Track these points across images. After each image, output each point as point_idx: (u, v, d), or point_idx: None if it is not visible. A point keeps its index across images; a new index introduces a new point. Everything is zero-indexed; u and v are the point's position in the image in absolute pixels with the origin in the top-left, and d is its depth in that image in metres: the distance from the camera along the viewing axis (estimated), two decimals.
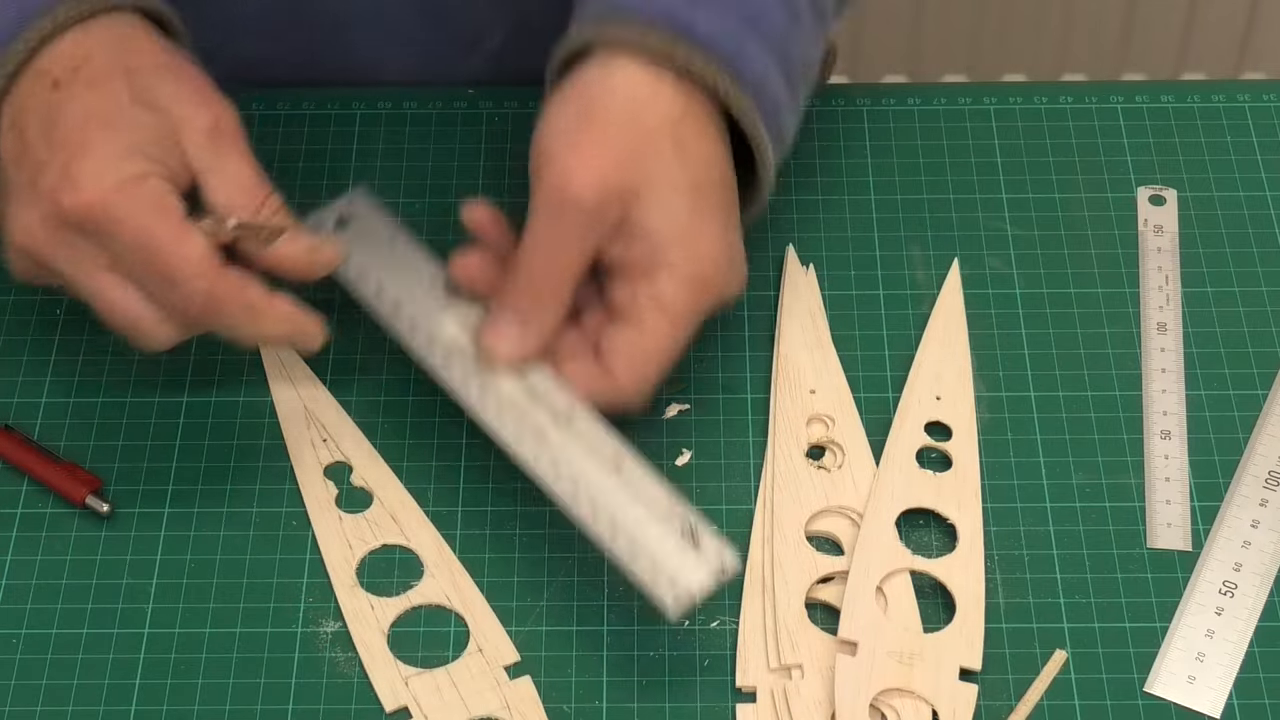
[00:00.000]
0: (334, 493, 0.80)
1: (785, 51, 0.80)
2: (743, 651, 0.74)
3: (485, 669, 0.74)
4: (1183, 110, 0.94)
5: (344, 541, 0.78)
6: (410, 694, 0.74)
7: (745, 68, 0.78)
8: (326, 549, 0.78)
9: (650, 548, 0.72)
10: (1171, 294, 0.86)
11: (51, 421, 0.82)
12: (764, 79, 0.79)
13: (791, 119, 0.82)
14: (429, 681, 0.74)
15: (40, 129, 0.75)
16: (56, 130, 0.75)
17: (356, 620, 0.76)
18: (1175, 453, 0.81)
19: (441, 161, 0.92)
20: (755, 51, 0.78)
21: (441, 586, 0.77)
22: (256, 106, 0.94)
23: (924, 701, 0.72)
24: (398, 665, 0.74)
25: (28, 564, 0.78)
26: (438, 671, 0.74)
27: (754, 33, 0.78)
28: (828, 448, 0.81)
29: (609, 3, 0.78)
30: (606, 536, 0.72)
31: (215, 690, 0.74)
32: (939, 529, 0.78)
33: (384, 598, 0.77)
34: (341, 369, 0.84)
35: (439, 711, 0.73)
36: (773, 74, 0.79)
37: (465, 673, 0.74)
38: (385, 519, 0.79)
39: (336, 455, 0.81)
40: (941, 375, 0.83)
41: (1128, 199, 0.91)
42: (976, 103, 0.95)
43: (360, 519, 0.79)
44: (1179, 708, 0.73)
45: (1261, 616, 0.76)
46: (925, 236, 0.89)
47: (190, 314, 0.74)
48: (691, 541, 0.72)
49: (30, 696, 0.74)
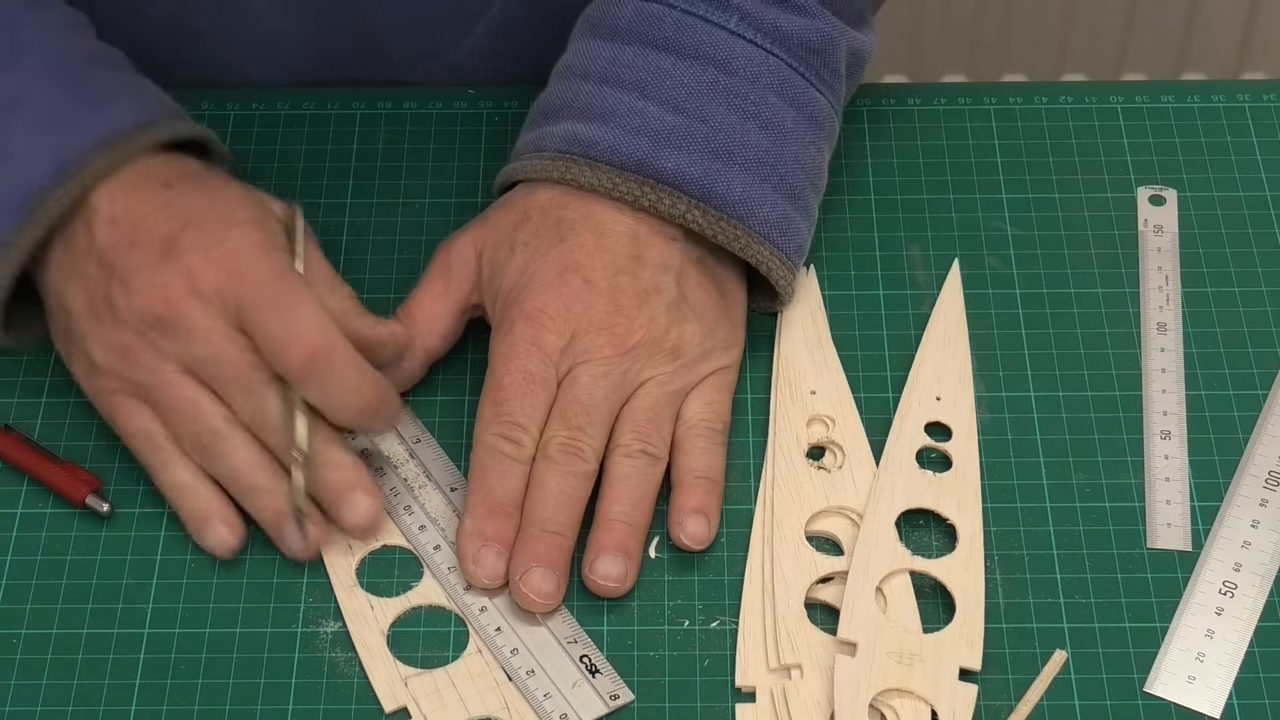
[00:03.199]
0: None
1: (775, 169, 0.81)
2: (742, 651, 0.74)
3: (485, 669, 0.74)
4: (1183, 110, 0.94)
5: (344, 542, 0.78)
6: (409, 694, 0.73)
7: (724, 193, 0.80)
8: (326, 549, 0.78)
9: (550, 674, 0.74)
10: (1171, 294, 0.86)
11: (51, 421, 0.82)
12: (749, 199, 0.80)
13: (802, 224, 0.83)
14: (428, 682, 0.74)
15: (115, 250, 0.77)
16: (164, 222, 0.77)
17: (356, 620, 0.76)
18: (1175, 453, 0.81)
19: (441, 161, 0.92)
20: (734, 178, 0.80)
21: (441, 587, 0.77)
22: (256, 106, 0.94)
23: (923, 702, 0.72)
24: (397, 665, 0.74)
25: (28, 564, 0.78)
26: (437, 672, 0.74)
27: (729, 164, 0.80)
28: (828, 448, 0.81)
29: (574, 136, 0.81)
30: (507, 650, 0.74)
31: (215, 690, 0.74)
32: (939, 529, 0.78)
33: (384, 598, 0.77)
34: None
35: (438, 712, 0.73)
36: (762, 192, 0.81)
37: (465, 673, 0.74)
38: (384, 519, 0.79)
39: None
40: (941, 376, 0.83)
41: (1128, 199, 0.91)
42: (976, 103, 0.95)
43: None
44: (1179, 708, 0.73)
45: (1261, 616, 0.76)
46: (925, 236, 0.89)
47: (295, 363, 0.74)
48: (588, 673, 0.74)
49: (30, 696, 0.74)
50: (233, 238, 0.76)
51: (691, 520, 0.77)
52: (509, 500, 0.76)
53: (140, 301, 0.76)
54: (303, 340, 0.74)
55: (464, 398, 0.83)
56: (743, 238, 0.81)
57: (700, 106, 0.81)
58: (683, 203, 0.80)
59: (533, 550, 0.75)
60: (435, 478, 0.80)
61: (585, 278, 0.79)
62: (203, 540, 0.77)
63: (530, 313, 0.78)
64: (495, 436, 0.77)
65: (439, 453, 0.81)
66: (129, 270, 0.76)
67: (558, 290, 0.79)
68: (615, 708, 0.73)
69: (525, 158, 0.83)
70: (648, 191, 0.80)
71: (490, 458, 0.77)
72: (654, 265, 0.80)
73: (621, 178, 0.80)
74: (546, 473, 0.76)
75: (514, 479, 0.76)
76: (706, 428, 0.79)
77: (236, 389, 0.76)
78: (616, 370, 0.78)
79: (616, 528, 0.76)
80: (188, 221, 0.77)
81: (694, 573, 0.77)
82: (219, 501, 0.77)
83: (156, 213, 0.77)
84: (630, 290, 0.79)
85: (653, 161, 0.80)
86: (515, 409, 0.77)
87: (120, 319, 0.76)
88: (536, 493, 0.76)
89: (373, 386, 0.76)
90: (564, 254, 0.80)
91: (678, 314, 0.80)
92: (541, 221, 0.81)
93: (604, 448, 0.78)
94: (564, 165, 0.81)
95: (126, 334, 0.76)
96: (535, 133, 0.84)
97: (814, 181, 0.84)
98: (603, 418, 0.78)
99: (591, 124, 0.81)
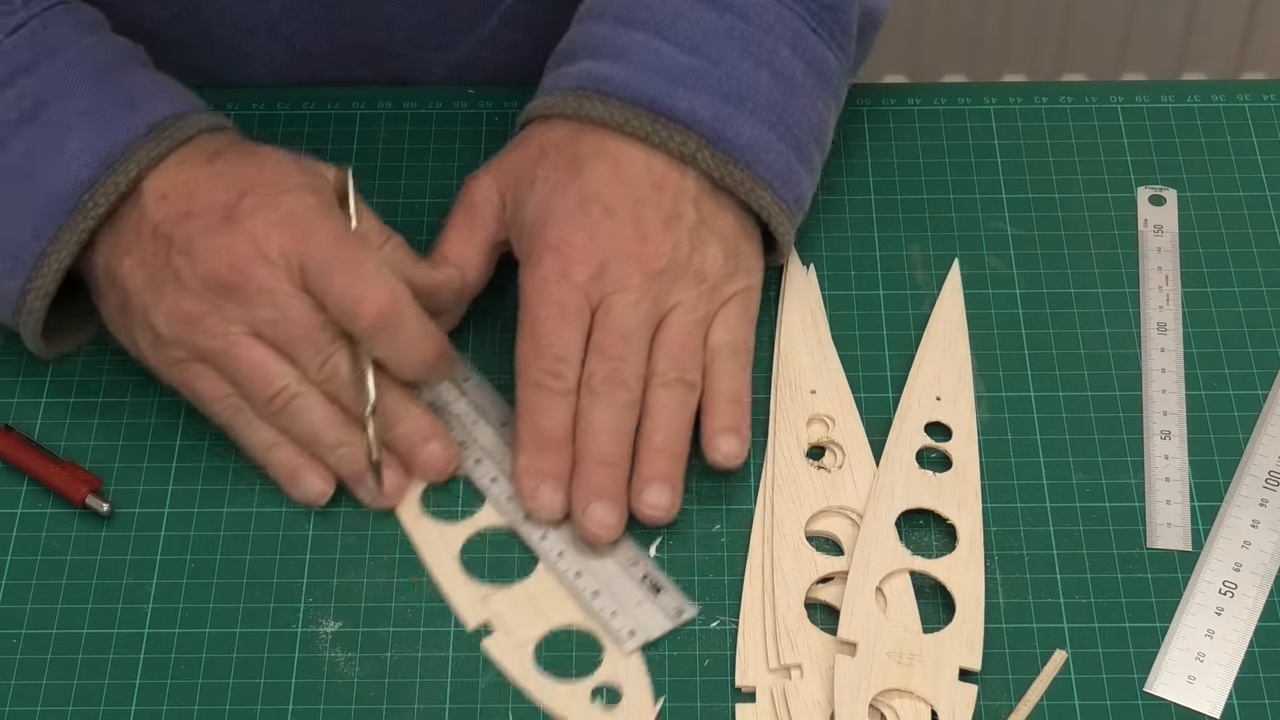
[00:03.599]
0: None
1: (782, 118, 0.83)
2: (742, 651, 0.74)
3: (559, 583, 0.76)
4: (1183, 110, 0.94)
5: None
6: (490, 610, 0.75)
7: (733, 137, 0.81)
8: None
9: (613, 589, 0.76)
10: (1171, 294, 0.86)
11: (51, 421, 0.82)
12: (756, 145, 0.82)
13: (804, 177, 0.85)
14: (506, 597, 0.76)
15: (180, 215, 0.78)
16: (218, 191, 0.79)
17: (426, 546, 0.78)
18: (1175, 453, 0.81)
19: (441, 161, 0.92)
20: (743, 123, 0.82)
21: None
22: (256, 106, 0.94)
23: (923, 702, 0.72)
24: (473, 584, 0.76)
25: (28, 564, 0.78)
26: (514, 587, 0.77)
27: (740, 109, 0.82)
28: (828, 448, 0.81)
29: (589, 73, 0.82)
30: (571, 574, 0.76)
31: (215, 690, 0.74)
32: (939, 529, 0.78)
33: (449, 524, 0.78)
34: None
35: (521, 625, 0.75)
36: (768, 140, 0.82)
37: (540, 587, 0.77)
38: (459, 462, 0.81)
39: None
40: (942, 376, 0.83)
41: (1128, 199, 0.91)
42: (976, 103, 0.95)
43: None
44: (1179, 708, 0.73)
45: (1261, 616, 0.76)
46: (925, 236, 0.89)
47: (364, 322, 0.76)
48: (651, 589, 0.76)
49: (30, 696, 0.74)
50: (290, 202, 0.78)
51: (724, 439, 0.79)
52: (559, 434, 0.78)
53: (204, 267, 0.77)
54: (371, 299, 0.76)
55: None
56: (747, 182, 0.82)
57: (715, 50, 0.82)
58: (692, 142, 0.81)
59: (590, 484, 0.77)
60: (486, 414, 0.82)
61: (606, 207, 0.80)
62: (296, 491, 0.79)
63: (556, 245, 0.80)
64: (538, 372, 0.78)
65: (488, 389, 0.83)
66: (189, 238, 0.77)
67: (580, 221, 0.80)
68: (681, 623, 0.75)
69: (542, 95, 0.85)
70: (659, 129, 0.81)
71: (536, 393, 0.78)
72: (673, 192, 0.82)
73: (634, 113, 0.81)
74: (593, 406, 0.78)
75: (561, 412, 0.78)
76: (730, 350, 0.81)
77: (306, 347, 0.77)
78: (648, 297, 0.80)
79: (659, 457, 0.78)
80: (244, 189, 0.78)
81: (694, 573, 0.77)
82: (306, 454, 0.79)
83: (210, 184, 0.79)
84: (652, 217, 0.81)
85: (665, 100, 0.81)
86: (554, 342, 0.78)
87: (185, 287, 0.77)
88: (586, 427, 0.78)
89: (435, 339, 0.78)
90: (583, 185, 0.81)
91: (699, 238, 0.81)
92: (558, 156, 0.82)
93: (644, 374, 0.79)
94: (576, 101, 0.82)
95: (191, 300, 0.77)
96: (553, 75, 0.85)
97: (818, 137, 0.86)
98: (639, 345, 0.79)
99: (606, 62, 0.83)
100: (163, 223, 0.78)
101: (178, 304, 0.77)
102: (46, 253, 0.78)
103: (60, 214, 0.78)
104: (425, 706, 0.74)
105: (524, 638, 0.75)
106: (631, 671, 0.74)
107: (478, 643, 0.75)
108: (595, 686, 0.74)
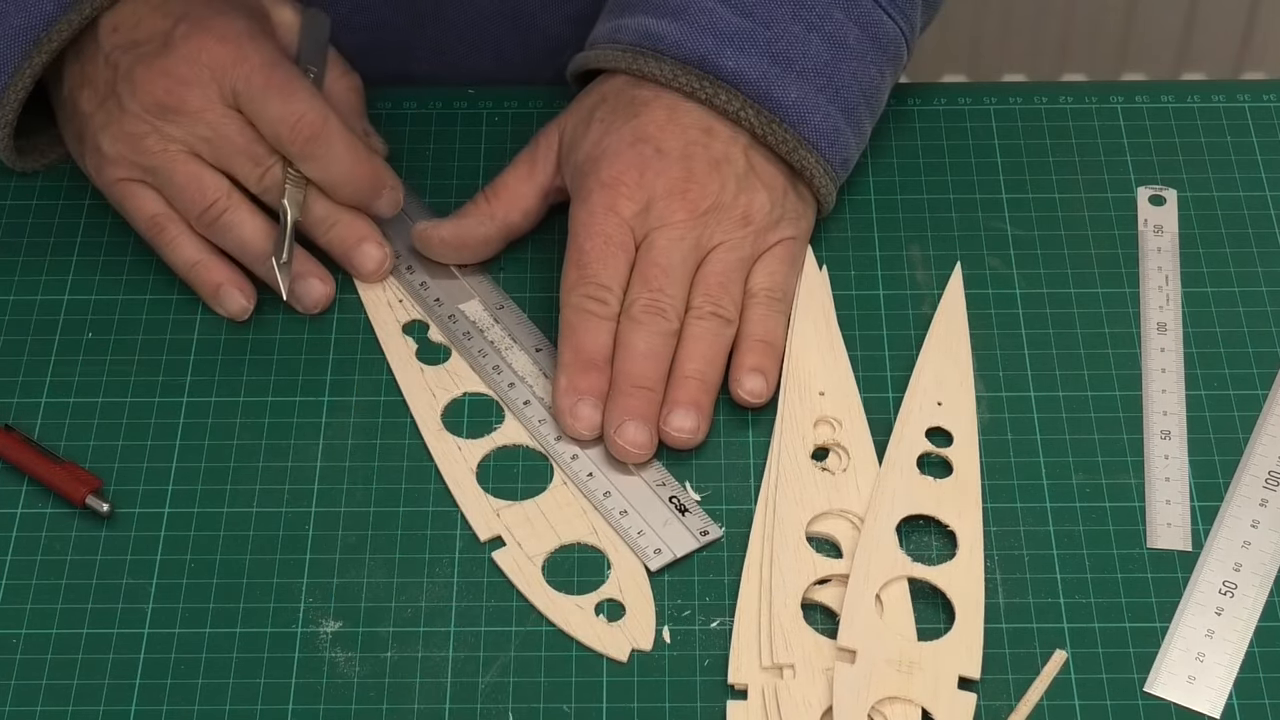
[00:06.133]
0: (413, 348, 0.85)
1: (831, 81, 0.85)
2: (736, 648, 0.74)
3: (571, 500, 0.79)
4: (1183, 110, 0.94)
5: (427, 390, 0.83)
6: (503, 524, 0.78)
7: (779, 97, 0.84)
8: (412, 399, 0.82)
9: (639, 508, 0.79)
10: (1171, 294, 0.86)
11: (51, 421, 0.82)
12: (802, 106, 0.84)
13: (851, 139, 0.87)
14: (519, 512, 0.79)
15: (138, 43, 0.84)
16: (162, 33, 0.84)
17: (445, 460, 0.80)
18: (1175, 453, 0.81)
19: (441, 162, 0.92)
20: (790, 84, 0.84)
21: (525, 429, 0.82)
22: None
23: (912, 705, 0.72)
24: (488, 499, 0.79)
25: (28, 564, 0.78)
26: (527, 503, 0.79)
27: (788, 70, 0.84)
28: (833, 450, 0.81)
29: (646, 31, 0.85)
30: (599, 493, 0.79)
31: (215, 690, 0.74)
32: (939, 534, 0.78)
33: (469, 439, 0.81)
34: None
35: (531, 540, 0.78)
36: (815, 102, 0.84)
37: (553, 503, 0.79)
38: (464, 369, 0.84)
39: (413, 314, 0.86)
40: (943, 381, 0.82)
41: (1128, 199, 0.91)
42: (976, 103, 0.95)
43: (441, 370, 0.84)
44: (1179, 708, 0.73)
45: (1261, 616, 0.76)
46: (925, 237, 0.89)
47: (296, 145, 0.81)
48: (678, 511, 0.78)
49: (30, 696, 0.74)
50: (221, 25, 0.83)
51: (749, 377, 0.81)
52: (600, 356, 0.81)
53: (143, 90, 0.83)
54: (302, 122, 0.82)
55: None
56: (790, 141, 0.84)
57: (766, 13, 0.85)
58: (738, 100, 0.84)
59: (625, 405, 0.80)
60: (519, 340, 0.85)
61: (657, 147, 0.83)
62: (219, 307, 0.84)
63: (606, 180, 0.83)
64: (581, 297, 0.81)
65: (521, 317, 0.86)
66: (131, 65, 0.83)
67: (631, 159, 0.83)
68: (706, 543, 0.78)
69: (600, 47, 0.87)
70: (706, 86, 0.84)
71: (578, 317, 0.81)
72: (724, 138, 0.85)
73: (684, 70, 0.84)
74: (632, 332, 0.81)
75: (603, 335, 0.81)
76: (767, 296, 0.83)
77: (244, 161, 0.83)
78: (691, 234, 0.82)
79: (690, 384, 0.81)
80: (181, 16, 0.84)
81: (694, 573, 0.77)
82: (229, 270, 0.84)
83: (153, 13, 0.85)
84: (702, 159, 0.84)
85: (714, 59, 0.84)
86: (598, 270, 0.81)
87: (127, 110, 0.83)
88: (624, 351, 0.81)
89: (367, 161, 0.84)
90: (637, 126, 0.84)
91: (747, 184, 0.84)
92: (616, 101, 0.86)
93: (684, 307, 0.82)
94: (631, 57, 0.86)
95: (133, 122, 0.83)
96: (611, 24, 0.88)
97: (869, 101, 0.87)
98: (680, 278, 0.82)
99: (662, 20, 0.85)
100: (111, 52, 0.84)
101: (121, 125, 0.83)
102: (6, 86, 0.84)
103: (20, 49, 0.84)
104: (425, 706, 0.74)
105: (534, 552, 0.77)
106: (636, 589, 0.76)
107: (478, 643, 0.75)
108: (599, 601, 0.76)
